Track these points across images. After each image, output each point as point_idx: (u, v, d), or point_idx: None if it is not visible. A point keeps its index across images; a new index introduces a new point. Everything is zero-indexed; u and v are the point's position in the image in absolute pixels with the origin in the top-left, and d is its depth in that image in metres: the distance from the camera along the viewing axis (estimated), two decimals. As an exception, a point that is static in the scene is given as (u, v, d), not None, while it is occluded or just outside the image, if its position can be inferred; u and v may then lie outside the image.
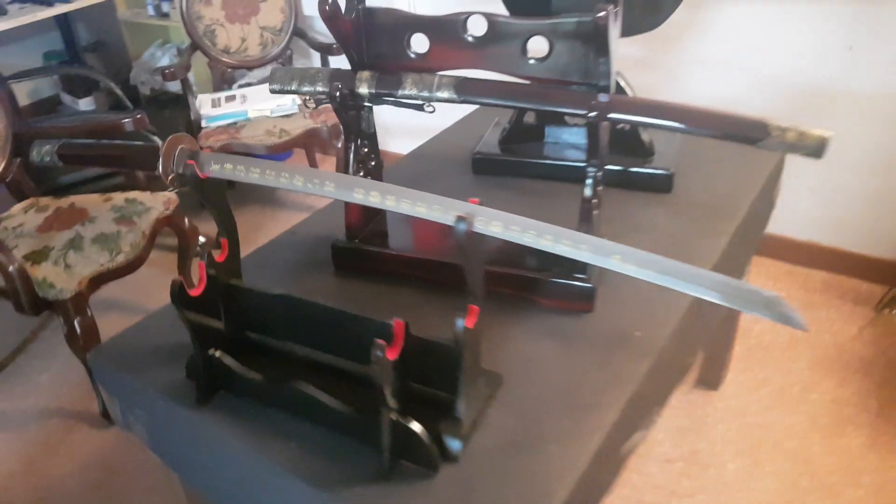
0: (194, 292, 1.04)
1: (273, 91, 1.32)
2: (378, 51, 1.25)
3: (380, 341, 0.86)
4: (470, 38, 1.18)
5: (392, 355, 0.89)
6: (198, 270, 1.07)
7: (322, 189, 0.95)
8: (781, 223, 2.69)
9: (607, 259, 0.81)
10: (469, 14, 1.17)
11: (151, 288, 2.75)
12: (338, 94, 1.23)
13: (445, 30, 1.19)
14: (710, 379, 2.20)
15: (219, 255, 1.10)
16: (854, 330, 2.39)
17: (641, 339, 1.15)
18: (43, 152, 1.17)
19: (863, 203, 2.52)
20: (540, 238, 0.84)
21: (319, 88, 1.26)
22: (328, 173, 0.99)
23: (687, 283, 0.80)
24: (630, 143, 1.57)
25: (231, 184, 3.74)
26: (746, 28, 2.49)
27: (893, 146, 2.39)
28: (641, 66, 2.71)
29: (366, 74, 1.23)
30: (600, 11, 0.99)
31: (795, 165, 2.54)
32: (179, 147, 1.07)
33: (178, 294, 1.02)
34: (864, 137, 2.42)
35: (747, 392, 2.19)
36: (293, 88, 1.29)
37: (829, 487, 1.87)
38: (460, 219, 0.88)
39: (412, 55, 1.24)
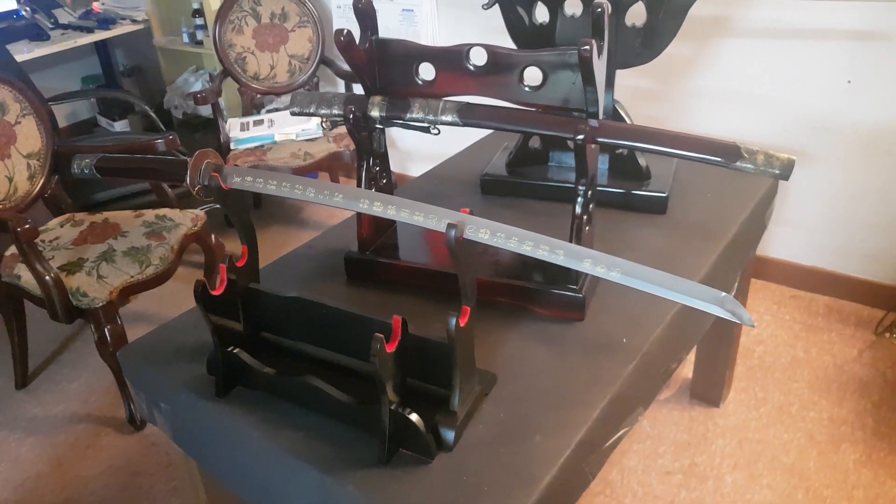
0: (216, 292, 1.13)
1: (293, 113, 1.41)
2: (389, 78, 1.34)
3: (379, 335, 0.94)
4: (472, 68, 1.28)
5: (390, 348, 0.98)
6: (220, 275, 1.16)
7: (332, 199, 1.05)
8: (786, 249, 2.75)
9: (579, 262, 0.90)
10: (471, 46, 1.27)
11: (178, 301, 2.83)
12: (351, 116, 1.33)
13: (450, 60, 1.29)
14: (712, 396, 2.25)
15: (239, 261, 1.19)
16: (854, 352, 2.43)
17: (626, 344, 1.23)
18: (83, 165, 1.27)
19: (865, 230, 2.57)
20: (522, 244, 0.94)
21: (335, 111, 1.36)
22: (337, 185, 1.08)
23: (649, 283, 0.88)
24: (628, 168, 1.67)
25: (257, 204, 3.83)
26: (750, 61, 2.55)
27: (893, 176, 2.44)
28: (650, 97, 2.79)
29: (377, 99, 1.33)
30: (585, 45, 1.09)
31: (800, 193, 2.61)
32: (206, 161, 1.16)
33: (202, 293, 1.11)
34: (865, 167, 2.48)
35: (747, 409, 2.24)
36: (311, 111, 1.39)
37: (824, 500, 1.92)
38: (451, 226, 0.96)
39: (420, 82, 1.33)
